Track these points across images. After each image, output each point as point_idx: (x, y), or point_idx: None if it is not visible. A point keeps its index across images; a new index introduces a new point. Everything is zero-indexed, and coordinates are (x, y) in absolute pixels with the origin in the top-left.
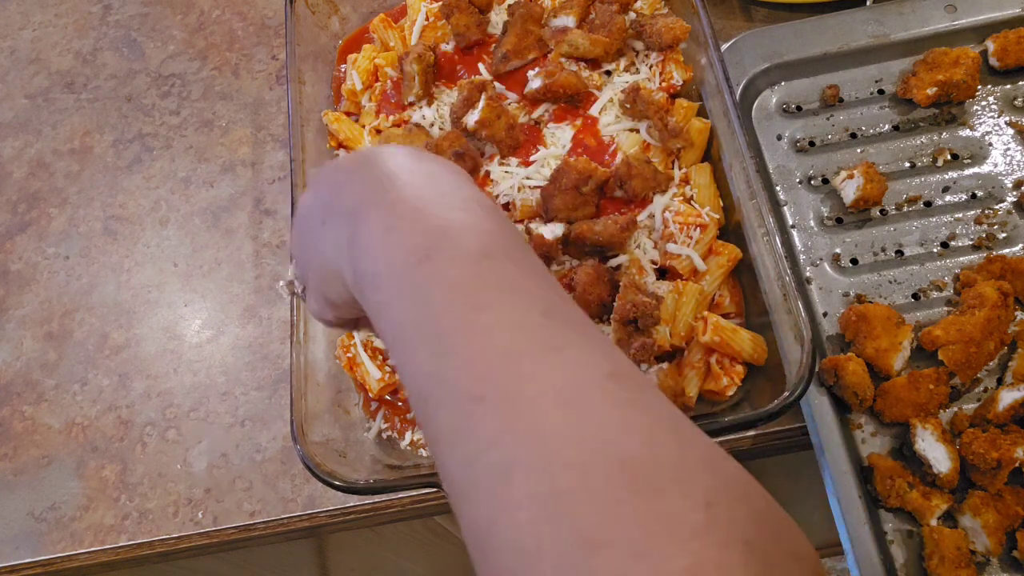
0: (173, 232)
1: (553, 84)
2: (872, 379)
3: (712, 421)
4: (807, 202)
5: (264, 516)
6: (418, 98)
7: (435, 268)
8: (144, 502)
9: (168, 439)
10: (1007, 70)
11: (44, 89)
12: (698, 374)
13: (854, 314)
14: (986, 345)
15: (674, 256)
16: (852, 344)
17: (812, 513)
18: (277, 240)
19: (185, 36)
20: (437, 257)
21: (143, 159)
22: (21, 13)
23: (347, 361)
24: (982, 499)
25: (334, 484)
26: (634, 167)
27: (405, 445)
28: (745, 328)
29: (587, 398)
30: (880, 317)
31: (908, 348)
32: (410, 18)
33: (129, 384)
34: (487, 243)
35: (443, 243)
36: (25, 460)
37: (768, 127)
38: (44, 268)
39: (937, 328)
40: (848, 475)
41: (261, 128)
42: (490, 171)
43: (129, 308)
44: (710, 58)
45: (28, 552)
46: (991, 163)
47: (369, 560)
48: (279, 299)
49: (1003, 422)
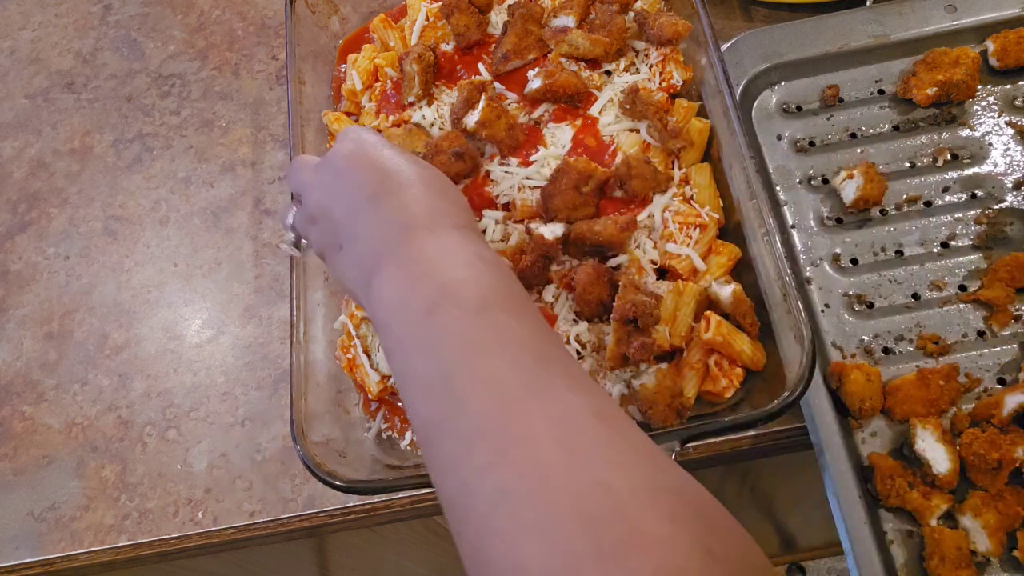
0: (173, 232)
1: (553, 84)
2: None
3: (712, 421)
4: (807, 202)
5: (264, 516)
6: (418, 98)
7: (439, 320)
8: (144, 502)
9: (168, 439)
10: (1007, 70)
11: (44, 89)
12: (697, 375)
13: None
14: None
15: (674, 256)
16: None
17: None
18: (277, 240)
19: (185, 36)
20: (442, 311)
21: (143, 159)
22: (21, 13)
23: (347, 362)
24: (982, 499)
25: (334, 484)
26: (634, 167)
27: (405, 445)
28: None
29: (575, 434)
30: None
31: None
32: (410, 18)
33: (129, 384)
34: (487, 296)
35: (448, 299)
36: (25, 460)
37: (768, 127)
38: (44, 268)
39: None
40: (848, 475)
41: (261, 128)
42: (490, 171)
43: (129, 308)
44: (710, 58)
45: (28, 552)
46: (991, 163)
47: (369, 560)
48: (279, 299)
49: (1006, 424)
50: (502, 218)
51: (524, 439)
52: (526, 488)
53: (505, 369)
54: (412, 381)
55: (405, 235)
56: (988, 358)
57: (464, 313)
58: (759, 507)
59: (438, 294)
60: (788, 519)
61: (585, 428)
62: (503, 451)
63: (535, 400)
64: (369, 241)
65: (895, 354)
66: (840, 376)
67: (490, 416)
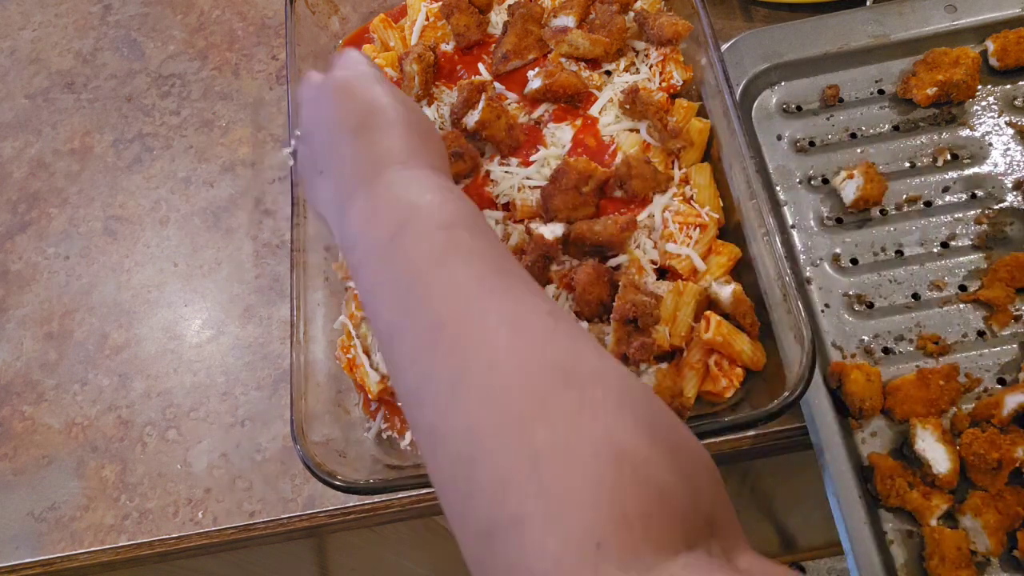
0: (173, 232)
1: (553, 84)
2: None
3: (712, 421)
4: (807, 202)
5: (264, 516)
6: (418, 98)
7: (404, 236)
8: (144, 502)
9: (168, 439)
10: (1007, 70)
11: (44, 89)
12: (697, 375)
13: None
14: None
15: (674, 256)
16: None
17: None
18: (277, 240)
19: (185, 36)
20: (407, 230)
21: (143, 159)
22: (21, 13)
23: (347, 362)
24: (983, 499)
25: (334, 484)
26: (634, 167)
27: (405, 445)
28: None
29: (531, 324)
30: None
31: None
32: (410, 18)
33: (129, 384)
34: (449, 218)
35: (413, 219)
36: (25, 460)
37: (768, 127)
38: (44, 268)
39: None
40: (848, 475)
41: (261, 128)
42: (490, 171)
43: (129, 308)
44: (710, 58)
45: (28, 552)
46: (991, 163)
47: (369, 560)
48: (279, 299)
49: (1006, 424)
50: (502, 218)
51: (482, 328)
52: (481, 367)
53: (465, 275)
54: (376, 291)
55: (379, 168)
56: (988, 358)
57: (427, 228)
58: (759, 507)
59: (404, 213)
60: (788, 519)
61: (540, 322)
62: (461, 337)
63: (493, 298)
64: (345, 173)
65: (895, 354)
66: (840, 376)
67: (450, 311)
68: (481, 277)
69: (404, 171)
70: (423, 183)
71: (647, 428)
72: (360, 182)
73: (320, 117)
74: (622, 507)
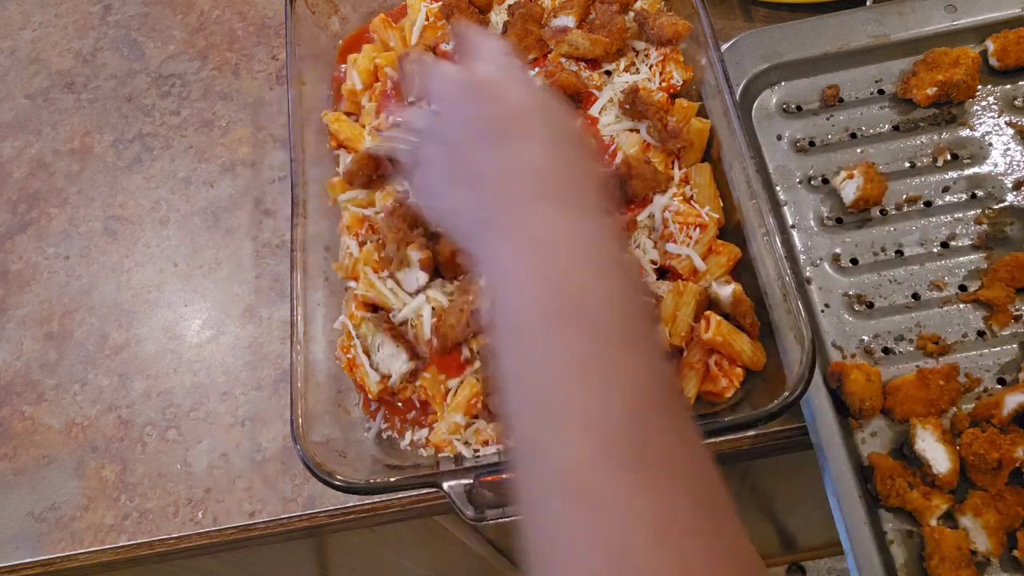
0: (173, 232)
1: (553, 84)
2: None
3: (712, 421)
4: (807, 202)
5: (264, 516)
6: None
7: (555, 335)
8: (144, 502)
9: (168, 439)
10: (1007, 70)
11: (44, 89)
12: (697, 375)
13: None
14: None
15: (674, 256)
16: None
17: (812, 513)
18: (277, 240)
19: (185, 36)
20: (561, 326)
21: (143, 159)
22: (21, 13)
23: (347, 362)
24: (983, 499)
25: (334, 484)
26: (634, 167)
27: (405, 445)
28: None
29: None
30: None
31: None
32: (410, 18)
33: (129, 384)
34: (611, 322)
35: (570, 312)
36: (25, 460)
37: (768, 127)
38: (44, 268)
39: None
40: (848, 475)
41: (261, 128)
42: None
43: (129, 308)
44: (710, 58)
45: (28, 552)
46: (991, 163)
47: (369, 560)
48: (279, 299)
49: (1006, 424)
50: None
51: (614, 511)
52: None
53: (606, 417)
54: (514, 390)
55: (528, 199)
56: (988, 358)
57: (581, 336)
58: (759, 507)
59: (560, 303)
60: (788, 519)
61: (684, 531)
62: (585, 525)
63: (625, 475)
64: (486, 190)
65: (895, 354)
66: (840, 376)
67: (581, 476)
68: (624, 426)
69: (560, 221)
70: (586, 253)
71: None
72: (504, 212)
73: (459, 118)
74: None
